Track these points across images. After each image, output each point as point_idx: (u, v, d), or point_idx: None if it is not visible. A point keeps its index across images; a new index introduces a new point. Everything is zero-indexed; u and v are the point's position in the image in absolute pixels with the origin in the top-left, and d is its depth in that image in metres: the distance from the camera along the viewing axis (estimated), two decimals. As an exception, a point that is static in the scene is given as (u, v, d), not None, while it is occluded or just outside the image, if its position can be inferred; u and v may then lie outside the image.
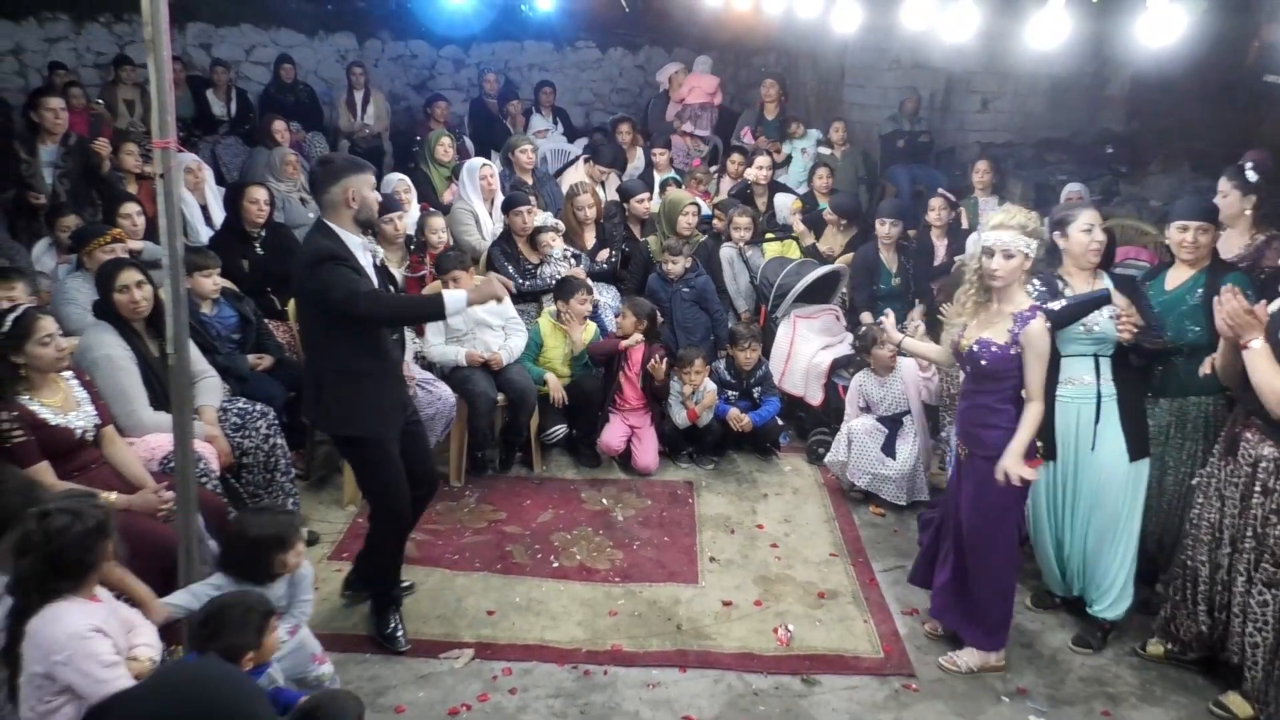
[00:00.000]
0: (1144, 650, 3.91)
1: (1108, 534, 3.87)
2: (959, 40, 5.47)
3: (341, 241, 3.49)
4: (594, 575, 4.42)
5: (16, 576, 2.57)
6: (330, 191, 3.49)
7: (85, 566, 2.62)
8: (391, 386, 3.71)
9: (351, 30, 10.60)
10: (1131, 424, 3.84)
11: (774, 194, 7.47)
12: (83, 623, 2.55)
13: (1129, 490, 3.86)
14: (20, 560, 2.56)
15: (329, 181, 3.49)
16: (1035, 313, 3.45)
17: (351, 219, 3.52)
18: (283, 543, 3.14)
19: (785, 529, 4.92)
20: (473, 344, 5.29)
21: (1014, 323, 3.45)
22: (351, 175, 3.50)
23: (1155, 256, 5.62)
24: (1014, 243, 3.42)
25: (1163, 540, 4.14)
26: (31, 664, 2.51)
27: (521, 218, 5.88)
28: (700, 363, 5.48)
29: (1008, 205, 3.56)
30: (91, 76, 9.64)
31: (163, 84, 2.80)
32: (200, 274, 4.70)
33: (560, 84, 10.18)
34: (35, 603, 2.55)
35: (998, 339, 3.48)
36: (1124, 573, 3.91)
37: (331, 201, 3.50)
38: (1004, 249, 3.43)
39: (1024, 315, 3.45)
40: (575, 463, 5.56)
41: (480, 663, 3.76)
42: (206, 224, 6.48)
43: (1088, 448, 3.88)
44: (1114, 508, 3.85)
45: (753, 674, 3.76)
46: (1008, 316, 3.48)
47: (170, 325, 2.98)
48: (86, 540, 2.61)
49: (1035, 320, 3.43)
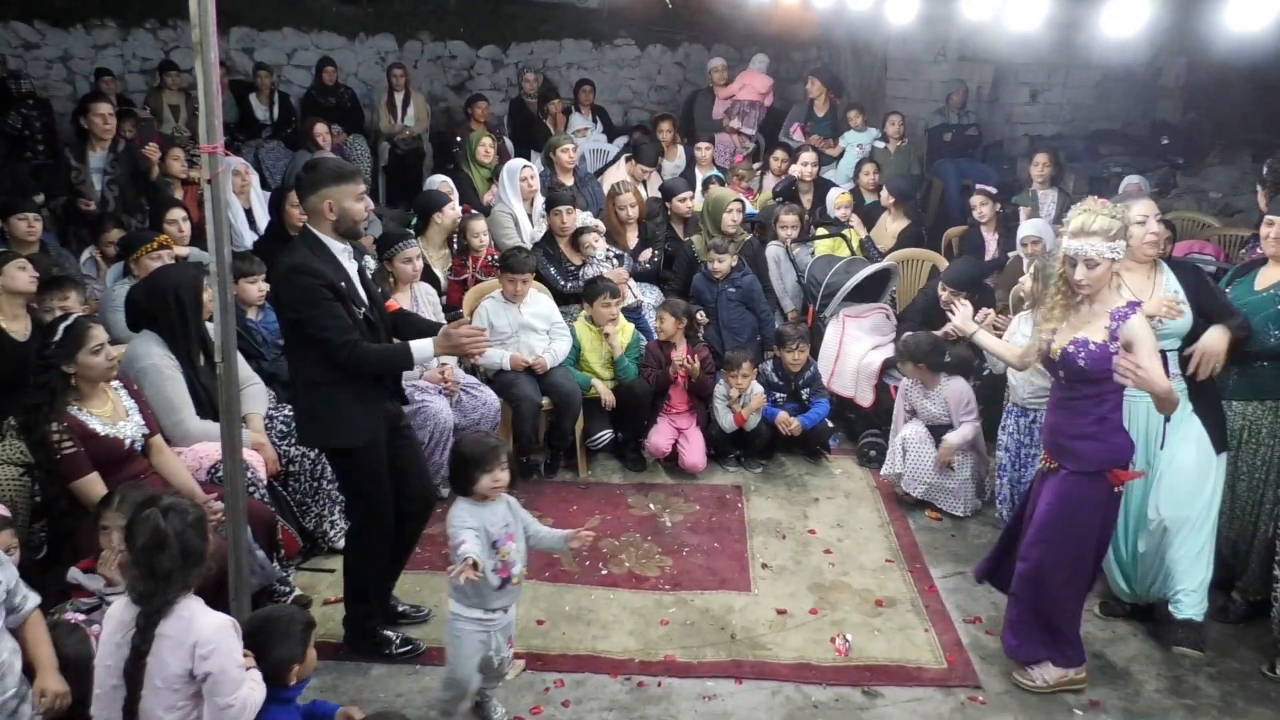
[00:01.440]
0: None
1: (1185, 532, 3.69)
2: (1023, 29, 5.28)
3: (326, 250, 3.40)
4: (644, 583, 4.34)
5: (156, 574, 2.51)
6: (309, 200, 3.40)
7: (202, 557, 2.61)
8: (374, 396, 3.55)
9: (391, 32, 10.59)
10: (1210, 417, 3.69)
11: (819, 191, 7.34)
12: (221, 617, 2.58)
13: (1208, 486, 3.69)
14: (157, 556, 2.51)
15: (309, 190, 3.39)
16: (1133, 308, 3.29)
17: (333, 229, 3.41)
18: (480, 463, 3.15)
19: (838, 534, 4.80)
20: (517, 348, 5.23)
21: (1111, 320, 3.29)
22: (332, 185, 3.37)
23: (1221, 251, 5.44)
24: (1095, 250, 3.24)
25: (1238, 547, 3.97)
26: (169, 666, 2.49)
27: (561, 218, 5.81)
28: (748, 365, 5.36)
29: (1088, 204, 3.36)
30: (137, 82, 9.73)
31: (210, 88, 2.76)
32: (245, 280, 4.68)
33: (599, 82, 10.10)
34: (170, 603, 2.52)
35: (1095, 337, 3.31)
36: (1206, 571, 3.71)
37: (312, 209, 3.41)
38: (1086, 258, 3.26)
39: (1121, 311, 3.29)
40: (621, 467, 5.48)
41: (532, 674, 3.69)
42: (251, 228, 6.48)
43: (1156, 446, 3.74)
44: (1190, 505, 3.68)
45: (811, 685, 3.66)
46: (1103, 315, 3.32)
47: (219, 334, 2.95)
48: (203, 527, 2.62)
49: (1134, 315, 3.28)
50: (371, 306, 3.53)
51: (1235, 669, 3.77)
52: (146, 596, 2.52)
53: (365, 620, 3.75)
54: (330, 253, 3.41)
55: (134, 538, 2.56)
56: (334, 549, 4.40)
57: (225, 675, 2.50)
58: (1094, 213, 3.28)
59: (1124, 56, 8.82)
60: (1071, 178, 7.77)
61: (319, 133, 7.74)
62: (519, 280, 5.18)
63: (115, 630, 2.57)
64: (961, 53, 9.16)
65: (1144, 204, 3.81)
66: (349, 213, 3.41)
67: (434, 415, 4.73)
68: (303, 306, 3.31)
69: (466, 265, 5.81)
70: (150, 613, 2.51)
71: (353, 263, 3.53)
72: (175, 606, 2.53)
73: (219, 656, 2.50)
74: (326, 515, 4.40)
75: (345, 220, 3.41)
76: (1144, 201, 3.85)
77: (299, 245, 3.43)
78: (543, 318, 5.32)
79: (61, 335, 3.45)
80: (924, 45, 9.19)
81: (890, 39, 9.25)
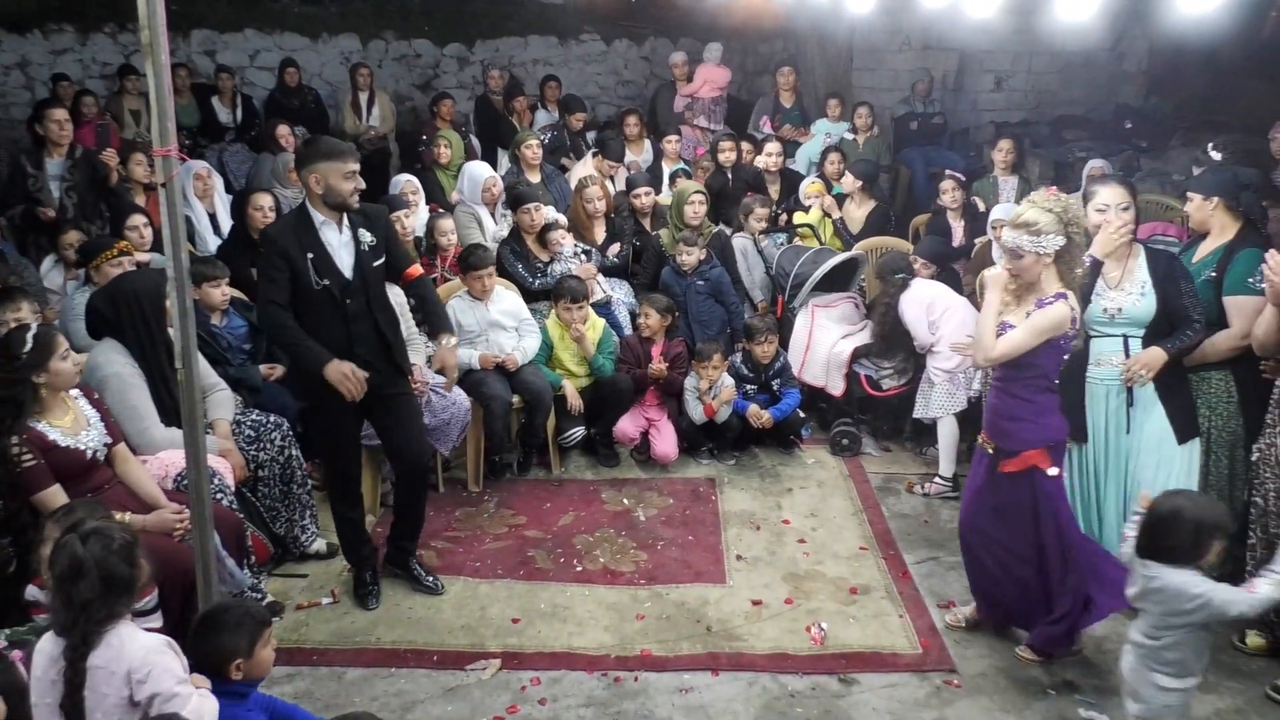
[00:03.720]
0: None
1: None
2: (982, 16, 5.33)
3: (308, 220, 3.73)
4: (619, 578, 4.33)
5: (75, 604, 2.37)
6: (302, 174, 3.74)
7: (132, 585, 2.48)
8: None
9: (355, 31, 10.50)
10: (1175, 405, 3.71)
11: (787, 182, 7.34)
12: (153, 638, 2.47)
13: (1176, 473, 3.72)
14: (75, 585, 2.37)
15: (301, 165, 3.75)
16: (1059, 298, 3.31)
17: (322, 202, 3.72)
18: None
19: (812, 523, 4.81)
20: (486, 346, 5.20)
21: (1037, 307, 3.35)
22: (322, 161, 3.68)
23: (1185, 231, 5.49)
24: (1018, 243, 3.31)
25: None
26: (107, 698, 2.37)
27: (529, 215, 5.78)
28: (718, 358, 5.36)
29: (1036, 195, 3.40)
30: (98, 88, 9.54)
31: (162, 90, 2.71)
32: (209, 284, 4.63)
33: (565, 78, 10.07)
34: (96, 631, 2.38)
35: (1015, 322, 3.39)
36: None
37: (305, 183, 3.75)
38: (1009, 249, 3.34)
39: (1045, 300, 3.33)
40: (594, 463, 5.46)
41: (508, 673, 3.67)
42: (215, 233, 6.41)
43: (1121, 431, 3.77)
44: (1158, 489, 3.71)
45: (788, 675, 3.67)
46: (1031, 300, 3.38)
47: (178, 339, 2.90)
48: (130, 553, 2.48)
49: (1059, 303, 3.30)
50: (350, 280, 3.77)
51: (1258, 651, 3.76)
52: (67, 627, 2.39)
53: (360, 564, 4.16)
54: (312, 223, 3.73)
55: (53, 565, 2.44)
56: (306, 554, 4.37)
57: (168, 695, 2.37)
58: (1033, 205, 3.33)
59: (1086, 42, 8.88)
60: (1036, 164, 7.82)
61: (282, 134, 7.64)
62: (481, 277, 5.14)
63: (46, 666, 2.42)
64: (925, 42, 9.18)
65: (1108, 192, 3.81)
66: (335, 188, 3.69)
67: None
68: (260, 272, 3.78)
69: (435, 264, 5.76)
70: (75, 645, 2.37)
71: (342, 234, 3.79)
72: (104, 636, 2.39)
73: (156, 678, 2.38)
74: (297, 520, 4.36)
75: (332, 195, 3.70)
76: (1109, 189, 3.84)
77: (288, 214, 3.86)
78: (511, 315, 5.29)
79: (31, 345, 3.39)
80: (888, 35, 9.22)
81: (855, 29, 9.27)
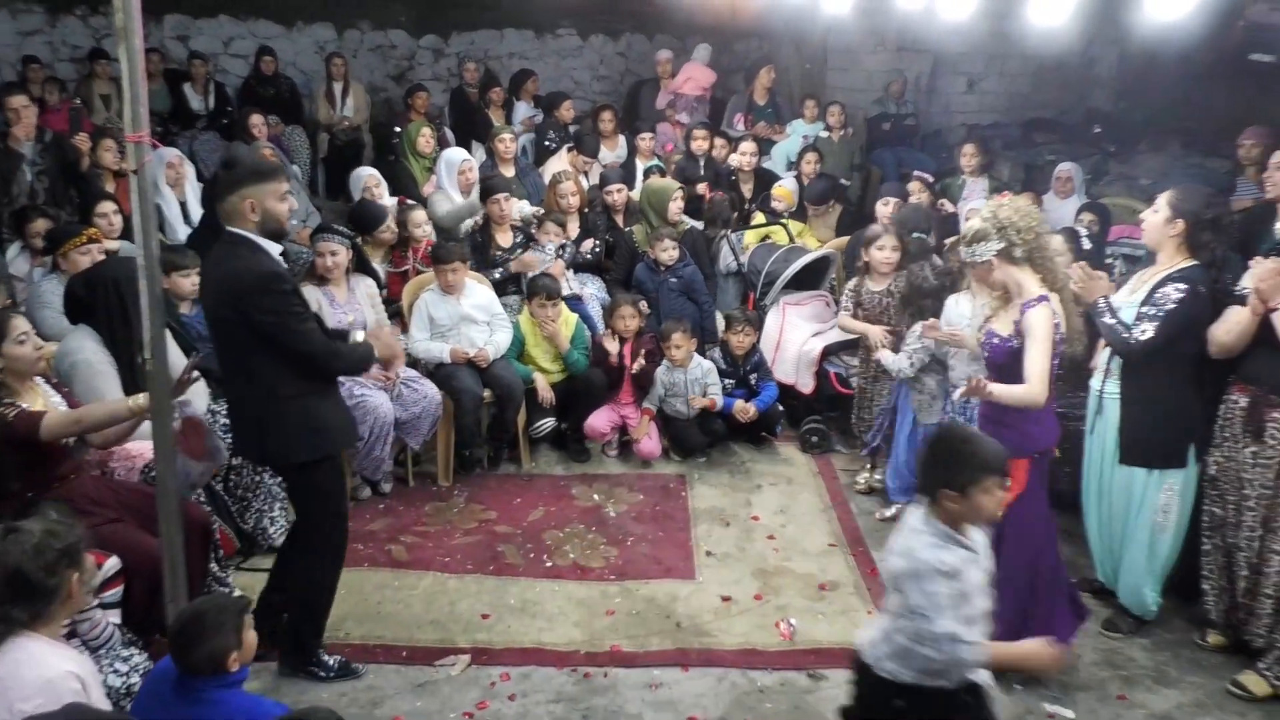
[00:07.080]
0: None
1: (1120, 533, 3.80)
2: (955, 18, 5.38)
3: (266, 254, 3.21)
4: (589, 574, 4.34)
5: None
6: (228, 200, 3.19)
7: (45, 594, 2.34)
8: (339, 399, 3.50)
9: (330, 20, 10.42)
10: (1128, 426, 3.70)
11: (759, 180, 7.37)
12: (57, 666, 2.30)
13: (1133, 497, 3.73)
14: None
15: (228, 190, 3.19)
16: (1043, 300, 3.32)
17: (259, 229, 3.21)
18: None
19: (781, 520, 4.84)
20: (458, 340, 5.19)
21: (1021, 312, 3.34)
22: (253, 185, 3.17)
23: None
24: (962, 255, 3.54)
25: None
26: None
27: (499, 205, 5.77)
28: (679, 336, 5.30)
29: (992, 203, 3.50)
30: (67, 71, 9.40)
31: (135, 75, 2.69)
32: (178, 274, 4.58)
33: (541, 72, 10.04)
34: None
35: (1002, 331, 3.41)
36: (1140, 576, 3.79)
37: (232, 210, 3.19)
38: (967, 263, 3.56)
39: (1029, 303, 3.32)
40: (564, 458, 5.46)
41: (477, 669, 3.67)
42: (185, 222, 6.34)
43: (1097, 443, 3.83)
44: (1121, 510, 3.77)
45: (757, 671, 3.69)
46: (1016, 308, 3.37)
47: (147, 328, 2.88)
48: (50, 562, 2.35)
49: (1038, 306, 3.31)
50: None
51: (1168, 639, 3.87)
52: None
53: (311, 638, 3.57)
54: (271, 256, 3.23)
55: None
56: (273, 547, 4.32)
57: None
58: (977, 214, 3.48)
59: (1058, 47, 8.95)
60: (1006, 166, 7.91)
61: (255, 123, 7.57)
62: (449, 270, 5.10)
63: None
64: (900, 43, 9.25)
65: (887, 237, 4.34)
66: (272, 213, 3.21)
67: (374, 410, 4.66)
68: (287, 318, 3.15)
69: (407, 257, 5.74)
70: None
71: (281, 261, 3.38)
72: (5, 646, 2.26)
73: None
74: (267, 511, 4.33)
75: (269, 220, 3.22)
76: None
77: (242, 250, 3.18)
78: (483, 309, 5.27)
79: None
80: (862, 35, 9.26)
81: (830, 29, 9.31)
